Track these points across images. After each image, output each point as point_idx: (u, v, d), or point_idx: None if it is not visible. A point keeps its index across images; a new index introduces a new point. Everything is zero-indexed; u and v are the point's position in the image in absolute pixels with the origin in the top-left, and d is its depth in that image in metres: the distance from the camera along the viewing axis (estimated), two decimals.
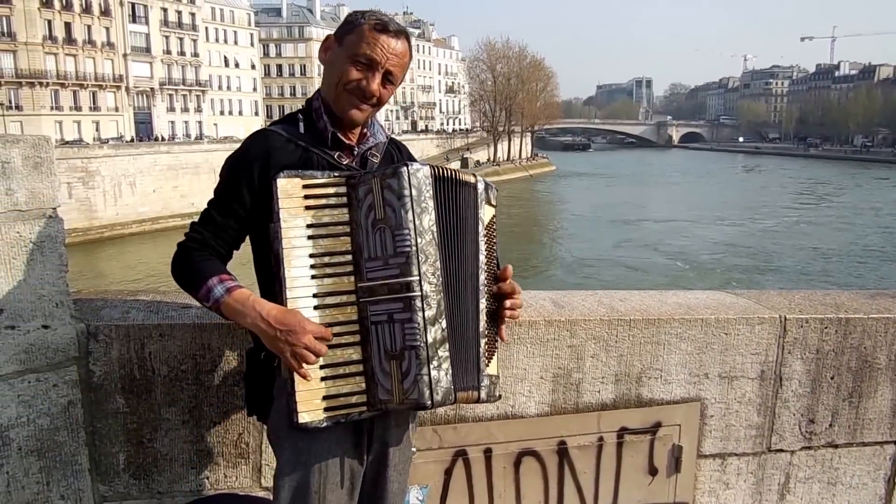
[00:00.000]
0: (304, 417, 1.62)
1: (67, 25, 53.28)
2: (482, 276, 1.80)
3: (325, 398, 1.64)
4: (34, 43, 50.71)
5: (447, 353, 1.64)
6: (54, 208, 2.00)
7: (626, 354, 2.60)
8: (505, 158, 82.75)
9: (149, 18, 60.29)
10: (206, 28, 67.64)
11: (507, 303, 1.88)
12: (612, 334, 2.57)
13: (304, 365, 1.60)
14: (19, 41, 50.02)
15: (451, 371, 1.65)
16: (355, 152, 1.85)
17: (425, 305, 1.61)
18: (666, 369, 2.64)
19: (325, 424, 1.64)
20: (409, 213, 1.61)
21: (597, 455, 2.58)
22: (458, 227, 1.75)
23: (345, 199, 1.68)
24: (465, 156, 75.30)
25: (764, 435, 2.79)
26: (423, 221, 1.63)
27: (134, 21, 59.09)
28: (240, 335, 2.19)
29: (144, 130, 59.34)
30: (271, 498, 1.82)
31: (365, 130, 1.89)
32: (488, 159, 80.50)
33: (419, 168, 1.65)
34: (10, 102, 49.73)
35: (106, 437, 2.15)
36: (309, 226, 1.65)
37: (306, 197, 1.65)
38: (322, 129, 1.81)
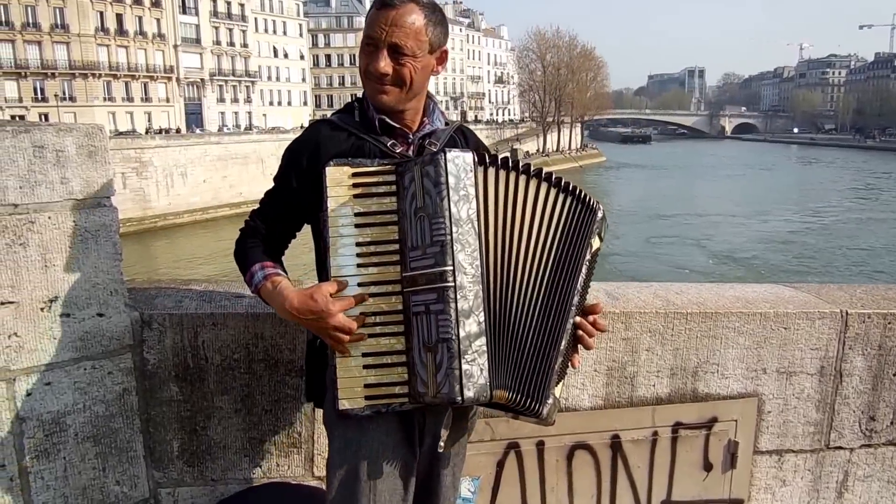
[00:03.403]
0: (344, 404, 1.61)
1: (119, 17, 54.20)
2: (575, 298, 1.70)
3: (366, 386, 1.62)
4: (87, 35, 51.69)
5: (484, 348, 1.56)
6: (108, 197, 2.02)
7: (681, 348, 2.53)
8: (554, 149, 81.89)
9: (199, 9, 61.02)
10: (255, 18, 68.34)
11: (578, 319, 1.74)
12: (668, 327, 2.50)
13: (343, 343, 1.58)
14: (72, 33, 51.02)
15: (487, 366, 1.56)
16: (410, 139, 1.80)
17: (459, 296, 1.54)
18: (723, 364, 2.56)
19: (366, 412, 1.62)
20: (445, 201, 1.55)
21: (651, 449, 2.53)
22: (565, 245, 1.68)
23: (393, 188, 1.63)
24: (514, 146, 74.58)
25: (822, 432, 2.70)
26: (462, 210, 1.56)
27: (184, 12, 59.90)
28: (292, 325, 2.19)
29: (195, 121, 60.37)
30: (324, 487, 1.82)
31: (424, 119, 1.84)
32: (538, 150, 79.78)
33: (459, 155, 1.58)
34: (64, 94, 50.90)
35: (160, 424, 2.18)
36: (357, 214, 1.62)
37: (355, 185, 1.62)
38: (371, 118, 1.78)
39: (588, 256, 1.72)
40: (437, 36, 1.73)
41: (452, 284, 1.54)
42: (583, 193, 1.71)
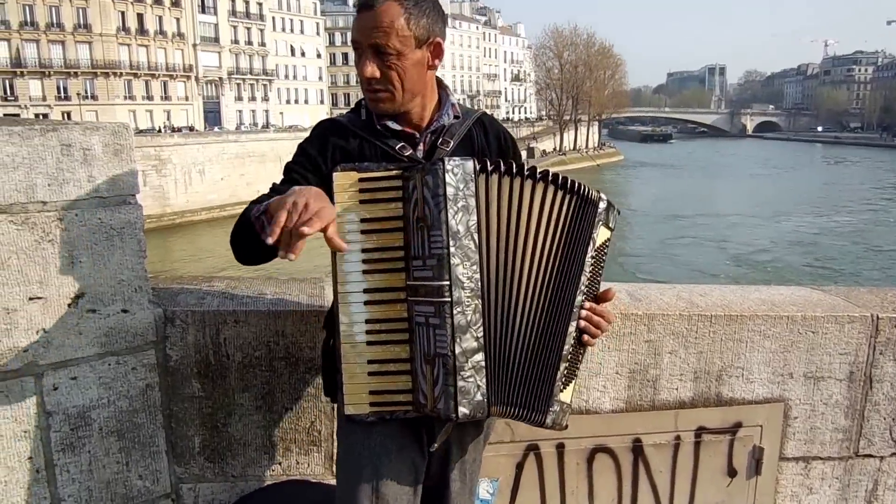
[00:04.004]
0: (349, 409, 1.61)
1: (140, 16, 54.79)
2: (578, 298, 1.63)
3: (371, 393, 1.61)
4: (108, 34, 52.33)
5: (482, 364, 1.54)
6: (133, 195, 2.03)
7: (705, 351, 2.50)
8: (571, 148, 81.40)
9: (217, 9, 61.49)
10: (273, 17, 68.63)
11: (582, 322, 1.65)
12: (692, 330, 2.47)
13: (276, 221, 1.36)
14: (94, 32, 51.68)
15: (485, 382, 1.54)
16: (417, 140, 1.74)
17: (455, 312, 1.51)
18: (748, 368, 2.53)
19: (370, 419, 1.62)
20: (443, 213, 1.50)
21: (673, 454, 2.50)
22: (565, 243, 1.61)
23: (399, 193, 1.59)
24: (530, 145, 74.28)
25: (851, 439, 2.65)
26: (461, 222, 1.51)
27: (203, 11, 60.35)
28: (313, 323, 2.19)
29: (213, 119, 60.79)
30: None
31: (436, 114, 1.77)
32: (554, 149, 79.35)
33: (459, 164, 1.52)
34: (86, 92, 51.60)
35: (182, 420, 2.19)
36: (363, 220, 1.59)
37: (361, 191, 1.59)
38: (375, 123, 1.73)
39: (591, 252, 1.65)
40: (424, 28, 1.64)
41: (449, 300, 1.51)
42: (582, 188, 1.63)
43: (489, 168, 1.55)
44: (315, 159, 1.73)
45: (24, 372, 1.90)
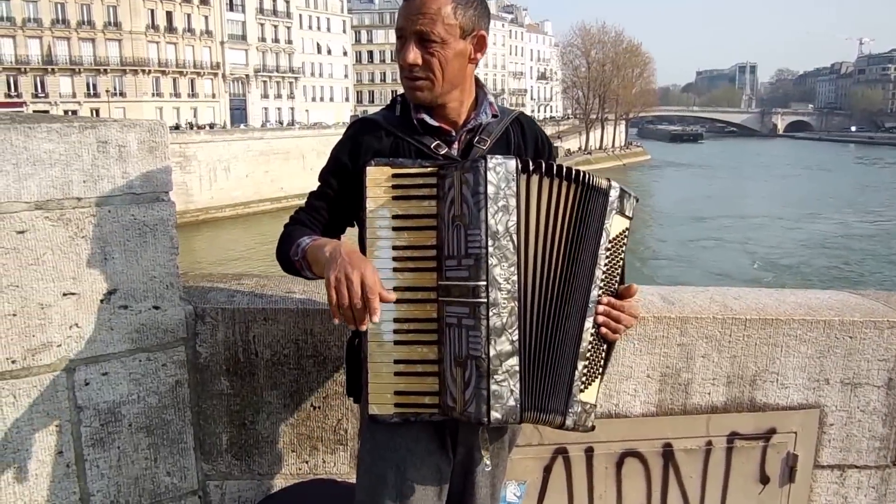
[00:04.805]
0: (373, 409, 1.58)
1: (169, 14, 55.41)
2: (594, 293, 1.59)
3: (396, 393, 1.58)
4: (138, 32, 52.99)
5: (516, 368, 1.50)
6: (167, 192, 2.04)
7: (739, 355, 2.45)
8: (597, 147, 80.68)
9: (245, 6, 61.93)
10: (300, 15, 69.01)
11: (600, 318, 1.62)
12: (726, 334, 2.43)
13: (335, 300, 1.39)
14: (124, 30, 52.36)
15: (518, 387, 1.50)
16: (452, 137, 1.70)
17: (491, 313, 1.47)
18: (783, 373, 2.48)
19: (394, 420, 1.59)
20: (482, 212, 1.46)
21: (704, 459, 2.45)
22: (571, 234, 1.56)
23: (433, 191, 1.56)
24: (555, 144, 73.71)
25: (889, 448, 2.59)
26: (501, 222, 1.48)
27: (231, 9, 60.82)
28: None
29: (239, 117, 61.27)
30: None
31: (473, 112, 1.73)
32: (580, 148, 78.66)
33: (502, 162, 1.48)
34: (115, 89, 52.26)
35: (210, 417, 2.19)
36: (395, 216, 1.56)
37: (394, 187, 1.56)
38: (411, 117, 1.70)
39: (606, 243, 1.60)
40: (470, 19, 1.61)
41: (485, 300, 1.47)
42: (586, 176, 1.58)
43: (531, 168, 1.52)
44: (346, 166, 1.70)
45: (56, 367, 1.91)
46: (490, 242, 1.47)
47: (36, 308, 1.87)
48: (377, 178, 1.56)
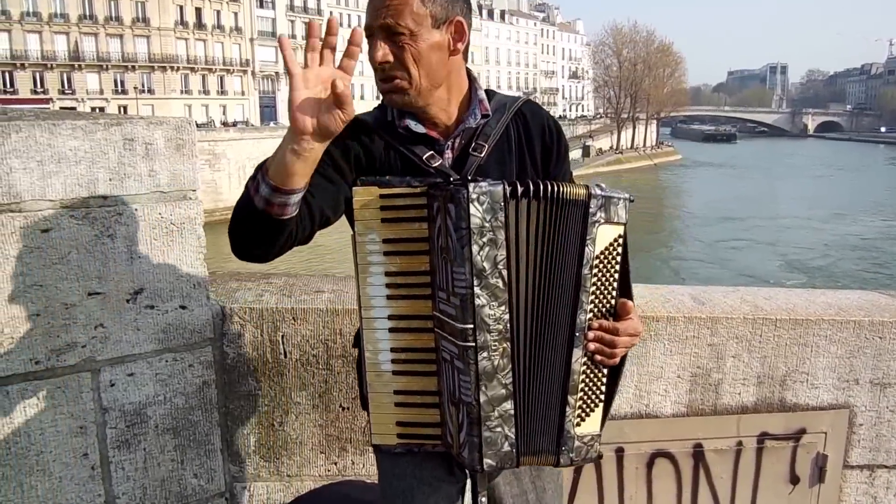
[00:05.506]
0: (376, 440, 1.51)
1: (198, 11, 55.16)
2: (580, 318, 1.40)
3: (398, 424, 1.49)
4: (166, 28, 52.82)
5: (511, 412, 1.37)
6: (194, 190, 2.00)
7: (769, 356, 2.42)
8: (629, 146, 79.89)
9: (275, 3, 61.51)
10: (330, 12, 68.41)
11: (591, 345, 1.43)
12: (756, 334, 2.40)
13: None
14: (152, 27, 52.22)
15: (514, 432, 1.38)
16: (441, 146, 1.52)
17: (481, 357, 1.34)
18: (813, 373, 2.45)
19: (398, 450, 1.51)
20: (466, 249, 1.30)
21: (734, 460, 2.43)
22: (548, 260, 1.38)
23: (424, 213, 1.40)
24: (586, 143, 72.79)
25: None
26: (488, 258, 1.31)
27: (261, 6, 60.39)
28: None
29: (269, 114, 60.84)
30: None
31: (465, 113, 1.54)
32: (611, 147, 77.87)
33: (487, 191, 1.30)
34: (143, 86, 52.13)
35: (238, 418, 2.16)
36: (385, 240, 1.42)
37: (382, 208, 1.42)
38: (398, 123, 1.53)
39: (591, 260, 1.40)
40: (441, 6, 1.44)
41: (473, 345, 1.34)
42: (553, 190, 1.36)
43: (519, 192, 1.33)
44: (337, 160, 1.50)
45: (81, 367, 1.89)
46: (476, 282, 1.32)
47: (60, 308, 1.84)
48: (364, 200, 1.42)
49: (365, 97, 69.83)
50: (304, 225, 1.42)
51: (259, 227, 1.33)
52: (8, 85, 47.24)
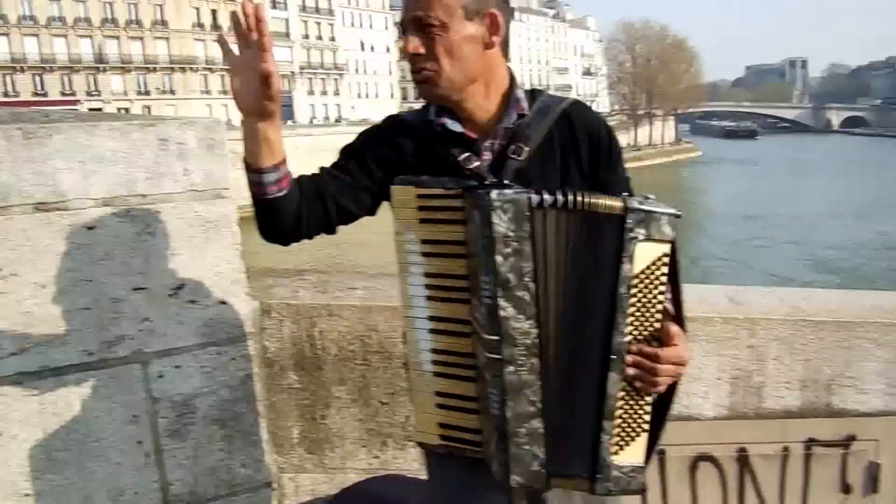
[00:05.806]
0: (419, 436, 1.52)
1: (213, 12, 56.14)
2: (616, 339, 1.33)
3: (440, 425, 1.47)
4: (184, 30, 53.86)
5: (540, 431, 1.33)
6: (227, 188, 2.04)
7: (812, 359, 2.37)
8: (646, 143, 79.16)
9: (288, 4, 62.43)
10: (343, 13, 69.51)
11: (630, 370, 1.35)
12: (797, 336, 2.35)
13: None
14: (171, 29, 53.35)
15: (544, 452, 1.34)
16: (477, 148, 1.48)
17: (507, 371, 1.30)
18: (860, 377, 2.38)
19: (440, 451, 1.50)
20: (490, 257, 1.27)
21: (781, 466, 2.37)
22: (580, 276, 1.32)
23: (460, 215, 1.37)
24: None
25: None
26: (514, 269, 1.27)
27: (274, 7, 61.20)
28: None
29: (286, 113, 61.98)
30: None
31: (504, 112, 1.49)
32: (629, 144, 77.17)
33: (511, 199, 1.26)
34: (165, 87, 53.33)
35: (281, 411, 2.20)
36: (423, 241, 1.41)
37: (420, 208, 1.40)
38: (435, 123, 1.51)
39: (628, 279, 1.31)
40: None
41: (499, 357, 1.30)
42: (584, 200, 1.29)
43: (546, 202, 1.28)
44: (363, 157, 1.54)
45: (131, 359, 1.93)
46: (500, 293, 1.28)
47: (108, 302, 1.89)
48: (403, 199, 1.43)
49: (379, 95, 70.32)
50: (314, 210, 1.49)
51: (257, 210, 1.48)
52: (39, 87, 48.39)
